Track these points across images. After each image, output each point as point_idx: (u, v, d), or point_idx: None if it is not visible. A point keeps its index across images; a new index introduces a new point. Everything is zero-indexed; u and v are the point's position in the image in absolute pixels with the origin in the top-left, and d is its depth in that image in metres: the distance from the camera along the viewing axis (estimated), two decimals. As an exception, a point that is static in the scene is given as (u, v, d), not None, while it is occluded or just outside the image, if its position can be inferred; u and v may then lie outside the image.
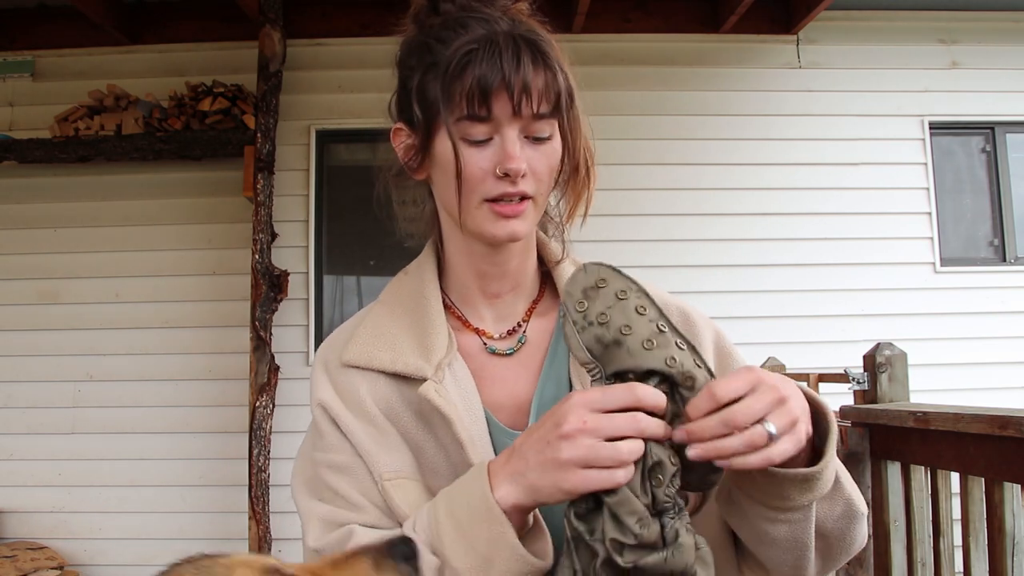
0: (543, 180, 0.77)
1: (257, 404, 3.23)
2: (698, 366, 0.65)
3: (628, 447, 0.61)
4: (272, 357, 3.31)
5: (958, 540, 1.89)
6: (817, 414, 0.67)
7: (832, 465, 0.67)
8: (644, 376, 0.65)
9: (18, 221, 3.68)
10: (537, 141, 0.76)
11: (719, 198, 3.70)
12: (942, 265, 3.73)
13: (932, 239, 3.74)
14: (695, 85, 3.79)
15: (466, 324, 0.85)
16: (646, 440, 0.63)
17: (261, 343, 3.28)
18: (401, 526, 0.76)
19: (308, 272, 3.62)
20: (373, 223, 0.89)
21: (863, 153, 3.77)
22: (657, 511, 0.62)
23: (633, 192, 3.68)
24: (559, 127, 0.78)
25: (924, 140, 3.79)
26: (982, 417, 1.65)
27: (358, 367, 0.80)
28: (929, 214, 3.76)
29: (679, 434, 0.63)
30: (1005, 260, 3.81)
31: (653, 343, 0.65)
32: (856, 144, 3.77)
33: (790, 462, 0.64)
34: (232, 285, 3.58)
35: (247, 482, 3.22)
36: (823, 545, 0.74)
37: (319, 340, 3.54)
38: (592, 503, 0.64)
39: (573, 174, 0.82)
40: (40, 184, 3.68)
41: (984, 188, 3.88)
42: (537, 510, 0.70)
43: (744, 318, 3.56)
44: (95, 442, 3.55)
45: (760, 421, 0.60)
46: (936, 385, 3.35)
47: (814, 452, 0.68)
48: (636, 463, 0.62)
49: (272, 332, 3.35)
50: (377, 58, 0.85)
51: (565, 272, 0.85)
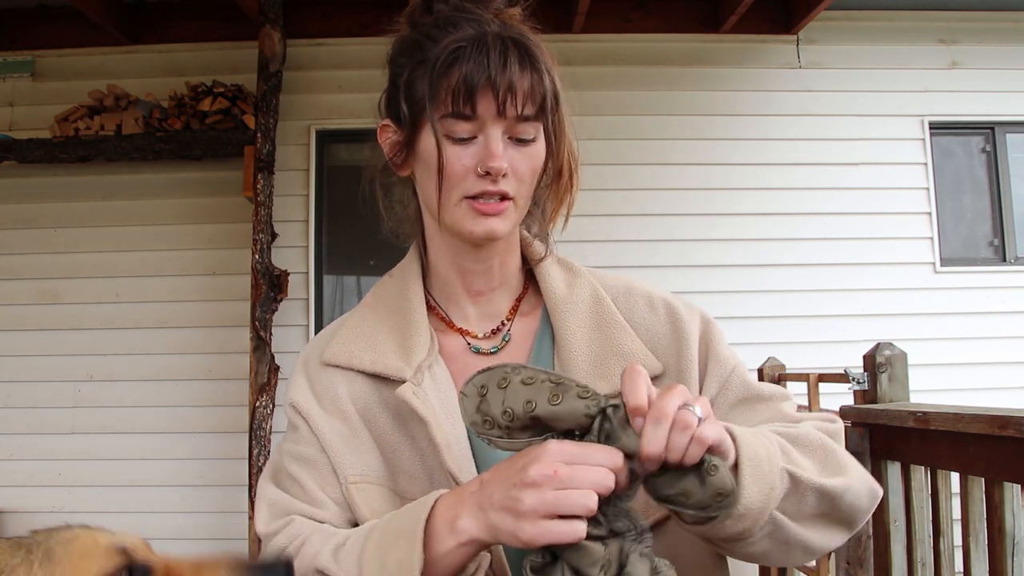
0: (525, 182, 0.77)
1: (257, 404, 3.23)
2: (594, 392, 0.63)
3: (594, 500, 0.59)
4: (272, 357, 3.31)
5: (958, 540, 1.89)
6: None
7: (750, 491, 0.63)
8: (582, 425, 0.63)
9: (18, 221, 3.68)
10: (521, 143, 0.76)
11: (720, 198, 3.70)
12: (942, 265, 3.73)
13: (932, 239, 3.74)
14: (695, 85, 3.79)
15: (450, 325, 0.86)
16: None
17: (261, 343, 3.28)
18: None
19: (308, 272, 3.63)
20: (373, 223, 0.90)
21: (863, 153, 3.77)
22: (614, 533, 0.61)
23: (634, 192, 3.68)
24: (544, 130, 0.78)
25: (924, 140, 3.79)
26: (982, 417, 1.65)
27: (338, 366, 0.81)
28: (929, 214, 3.76)
29: (644, 465, 0.61)
30: (1005, 260, 3.81)
31: (559, 397, 0.62)
32: (856, 144, 3.77)
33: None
34: (232, 285, 3.58)
35: (247, 482, 3.22)
36: (824, 522, 0.72)
37: (319, 340, 3.53)
38: (548, 556, 0.61)
39: (556, 178, 0.83)
40: (40, 184, 3.68)
41: (984, 188, 3.88)
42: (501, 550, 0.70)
43: (744, 318, 3.56)
44: (95, 442, 3.55)
45: (684, 407, 0.60)
46: (936, 385, 3.35)
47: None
48: None
49: (272, 332, 3.35)
50: (377, 58, 0.85)
51: (548, 271, 0.86)
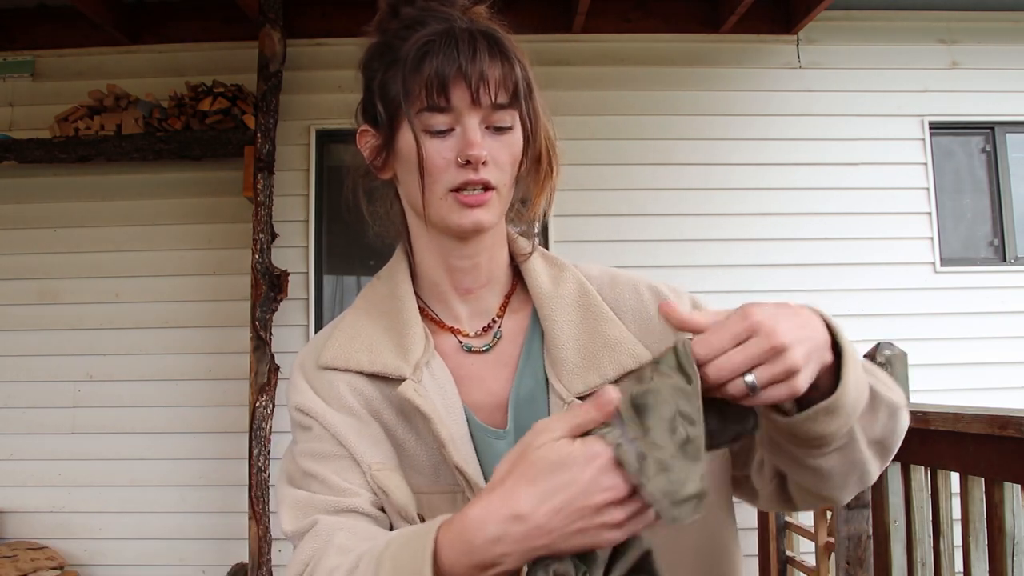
0: (505, 171, 0.78)
1: (257, 404, 3.23)
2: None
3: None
4: (272, 357, 3.31)
5: (958, 540, 1.89)
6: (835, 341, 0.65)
7: (852, 389, 0.64)
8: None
9: (18, 221, 3.68)
10: (498, 131, 0.77)
11: (720, 198, 3.70)
12: (942, 265, 3.73)
13: (932, 239, 3.74)
14: (695, 85, 3.79)
15: (441, 325, 0.85)
16: None
17: (261, 343, 3.28)
18: (392, 514, 0.76)
19: (308, 272, 3.63)
20: (359, 228, 0.90)
21: (863, 153, 3.77)
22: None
23: (634, 192, 3.68)
24: (520, 117, 0.78)
25: (924, 140, 3.79)
26: (982, 417, 1.65)
27: (336, 368, 0.81)
28: (929, 214, 3.76)
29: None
30: (1005, 260, 3.81)
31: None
32: (856, 144, 3.77)
33: (812, 394, 0.63)
34: (232, 285, 3.58)
35: (247, 482, 3.22)
36: (879, 448, 0.73)
37: (319, 340, 3.53)
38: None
39: (535, 165, 0.83)
40: (40, 184, 3.68)
41: (984, 188, 3.88)
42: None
43: (744, 318, 3.56)
44: (95, 442, 3.55)
45: (743, 374, 0.59)
46: (936, 385, 3.35)
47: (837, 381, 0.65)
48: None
49: (272, 332, 3.35)
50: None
51: (534, 267, 0.86)
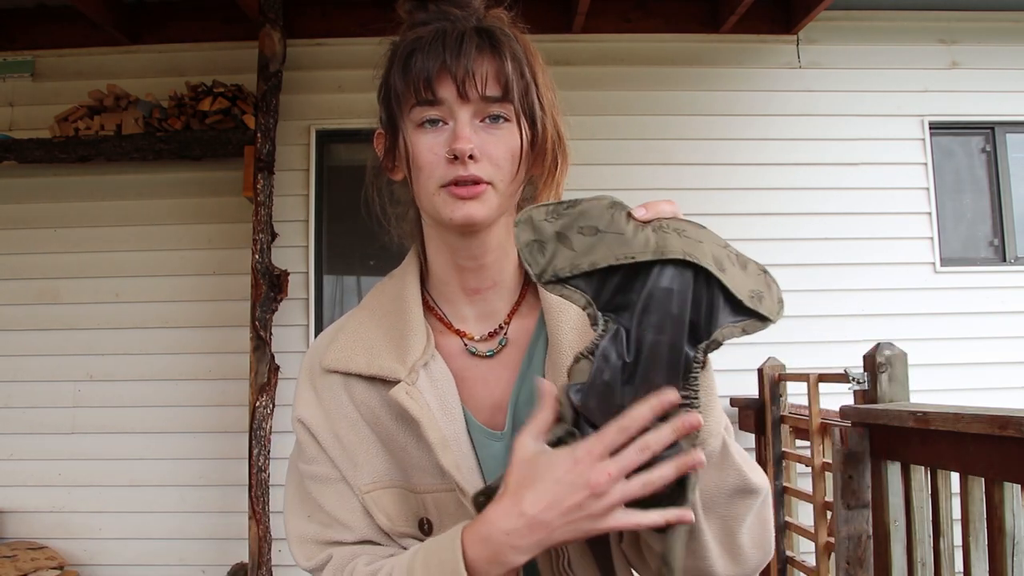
0: (501, 166, 0.77)
1: (257, 404, 3.23)
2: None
3: (659, 474, 0.63)
4: (272, 357, 3.31)
5: (958, 540, 1.89)
6: None
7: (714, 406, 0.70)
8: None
9: (18, 221, 3.68)
10: (492, 125, 0.77)
11: (720, 198, 3.70)
12: (942, 265, 3.73)
13: (932, 239, 3.74)
14: (695, 85, 3.80)
15: (448, 326, 0.86)
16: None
17: (261, 343, 3.28)
18: (387, 537, 0.80)
19: (308, 272, 3.63)
20: (379, 231, 0.90)
21: (863, 153, 3.77)
22: None
23: (634, 192, 3.67)
24: (515, 111, 0.78)
25: (924, 140, 3.79)
26: (982, 417, 1.65)
27: (338, 372, 0.82)
28: (929, 214, 3.76)
29: (691, 419, 0.63)
30: (1005, 260, 3.81)
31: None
32: (856, 144, 3.77)
33: None
34: (232, 285, 3.58)
35: (247, 482, 3.22)
36: (722, 531, 0.73)
37: (319, 340, 3.53)
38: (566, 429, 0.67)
39: (540, 158, 0.82)
40: (40, 184, 3.68)
41: (984, 188, 3.88)
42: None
43: (744, 318, 3.56)
44: (95, 442, 3.55)
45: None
46: (936, 385, 3.35)
47: None
48: None
49: (272, 332, 3.35)
50: (377, 58, 0.86)
51: None
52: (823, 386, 2.67)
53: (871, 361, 2.19)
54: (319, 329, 3.62)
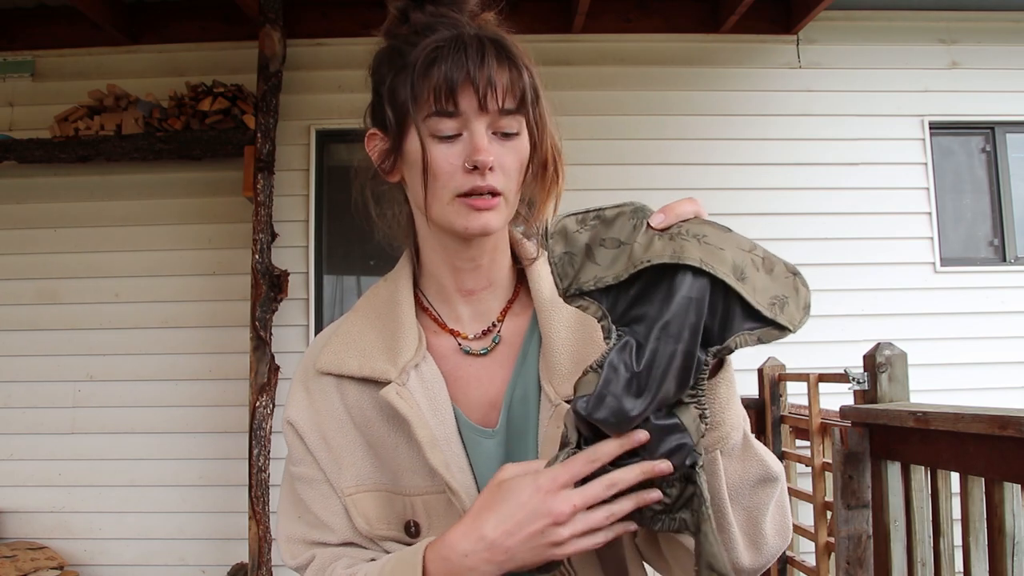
0: (512, 177, 0.78)
1: (257, 404, 3.23)
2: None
3: (619, 506, 0.65)
4: (272, 357, 3.31)
5: (958, 540, 1.89)
6: None
7: (729, 381, 0.71)
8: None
9: (18, 221, 3.68)
10: (505, 137, 0.77)
11: (719, 198, 3.70)
12: (942, 265, 3.73)
13: (932, 239, 3.74)
14: (695, 85, 3.80)
15: (442, 326, 0.87)
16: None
17: (261, 343, 3.28)
18: (367, 539, 0.82)
19: (308, 272, 3.63)
20: (368, 230, 0.91)
21: (863, 153, 3.77)
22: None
23: (633, 192, 3.67)
24: (526, 123, 0.79)
25: (924, 140, 3.79)
26: (982, 417, 1.65)
27: (331, 374, 0.84)
28: (929, 214, 3.76)
29: (660, 466, 0.64)
30: (1005, 260, 3.81)
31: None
32: (856, 144, 3.77)
33: None
34: (232, 285, 3.58)
35: (247, 482, 3.22)
36: (748, 522, 0.74)
37: (319, 340, 3.54)
38: None
39: (541, 171, 0.84)
40: (40, 184, 3.68)
41: (984, 188, 3.88)
42: None
43: (744, 318, 3.56)
44: (95, 442, 3.55)
45: None
46: (936, 385, 3.35)
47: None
48: None
49: (272, 332, 3.35)
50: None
51: (539, 273, 0.87)
52: (823, 386, 2.67)
53: (871, 361, 2.19)
54: (319, 329, 3.61)
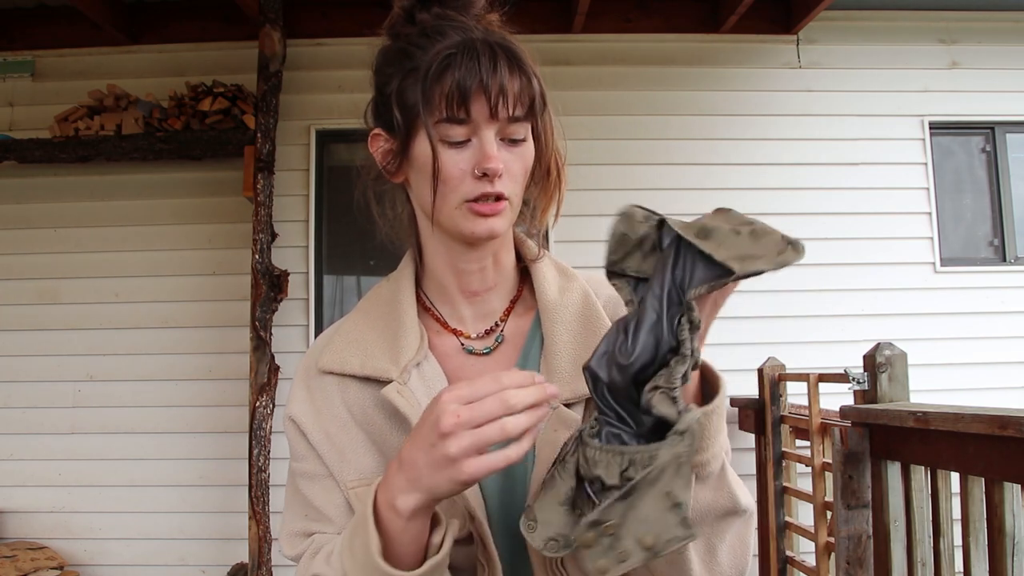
0: (517, 181, 0.79)
1: (257, 404, 3.23)
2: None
3: (514, 422, 0.63)
4: (272, 357, 3.31)
5: (958, 540, 1.89)
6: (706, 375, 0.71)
7: (716, 443, 0.69)
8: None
9: (18, 221, 3.68)
10: (512, 143, 0.78)
11: (720, 198, 3.68)
12: (942, 265, 3.73)
13: (932, 239, 3.74)
14: (695, 85, 3.80)
15: (444, 326, 0.87)
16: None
17: (261, 343, 3.28)
18: None
19: (308, 272, 3.63)
20: (370, 230, 0.91)
21: (863, 153, 3.77)
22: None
23: (634, 192, 3.68)
24: (533, 130, 0.80)
25: (924, 140, 3.79)
26: (982, 417, 1.65)
27: (332, 373, 0.84)
28: (929, 214, 3.76)
29: (550, 390, 0.66)
30: (1005, 260, 3.81)
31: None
32: (856, 144, 3.77)
33: None
34: (232, 285, 3.58)
35: (247, 482, 3.22)
36: (705, 548, 0.74)
37: (319, 340, 3.54)
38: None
39: (545, 176, 0.85)
40: (40, 184, 3.68)
41: (984, 188, 3.88)
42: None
43: (744, 318, 3.56)
44: (95, 442, 3.55)
45: None
46: (936, 385, 3.35)
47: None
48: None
49: (272, 332, 3.35)
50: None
51: (544, 274, 0.88)
52: (823, 386, 2.67)
53: (871, 361, 2.19)
54: (319, 329, 3.62)
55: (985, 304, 3.71)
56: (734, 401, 3.44)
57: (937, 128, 3.83)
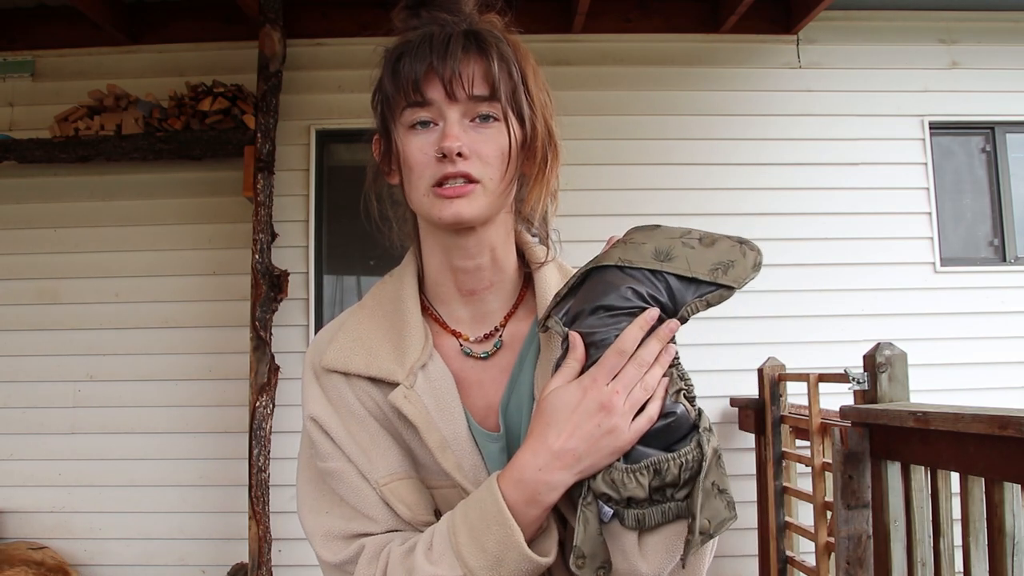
0: (491, 164, 0.78)
1: (257, 404, 3.23)
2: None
3: (652, 376, 0.72)
4: (272, 357, 3.31)
5: (958, 540, 1.89)
6: None
7: None
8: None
9: (18, 221, 3.68)
10: (482, 124, 0.78)
11: (719, 198, 3.70)
12: (942, 265, 3.73)
13: (932, 239, 3.74)
14: (695, 85, 3.79)
15: (444, 327, 0.86)
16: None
17: (261, 343, 3.28)
18: (410, 527, 0.80)
19: (308, 272, 3.63)
20: (378, 235, 0.91)
21: (863, 153, 3.77)
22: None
23: (634, 192, 3.68)
24: (516, 113, 0.79)
25: (924, 140, 3.79)
26: (982, 417, 1.65)
27: (337, 371, 0.83)
28: (929, 214, 3.76)
29: (670, 324, 0.74)
30: (1005, 260, 3.81)
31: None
32: (856, 144, 3.77)
33: None
34: (232, 285, 3.58)
35: (247, 482, 3.22)
36: None
37: (319, 340, 3.54)
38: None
39: (529, 159, 0.83)
40: (40, 184, 3.68)
41: (984, 188, 3.88)
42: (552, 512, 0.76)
43: (744, 318, 3.56)
44: (95, 442, 3.55)
45: None
46: (936, 385, 3.35)
47: None
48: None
49: (272, 332, 3.35)
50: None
51: (547, 275, 0.87)
52: (823, 386, 2.66)
53: (871, 361, 2.19)
54: (319, 329, 3.61)
55: (985, 304, 3.71)
56: (734, 401, 3.44)
57: (937, 128, 3.83)
